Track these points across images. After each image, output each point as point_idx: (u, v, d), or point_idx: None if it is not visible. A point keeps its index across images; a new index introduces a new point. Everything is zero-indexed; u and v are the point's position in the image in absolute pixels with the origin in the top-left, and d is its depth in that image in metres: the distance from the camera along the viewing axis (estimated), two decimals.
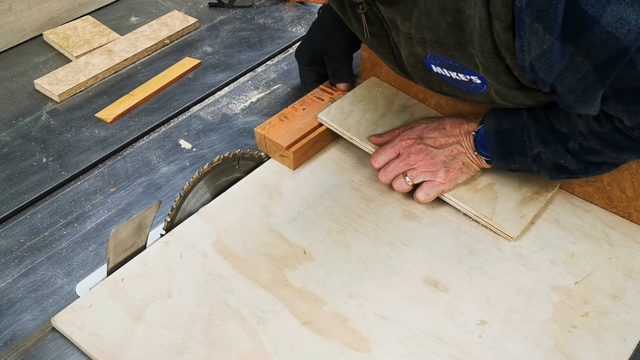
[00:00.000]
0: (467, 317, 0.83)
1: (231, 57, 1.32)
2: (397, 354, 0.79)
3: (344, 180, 1.01)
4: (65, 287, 0.89)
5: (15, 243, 0.95)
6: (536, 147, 0.87)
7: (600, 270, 0.88)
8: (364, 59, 1.12)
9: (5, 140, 1.13)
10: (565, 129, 0.84)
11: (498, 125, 0.90)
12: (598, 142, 0.81)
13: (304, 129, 1.04)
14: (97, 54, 1.30)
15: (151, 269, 0.88)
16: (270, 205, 0.97)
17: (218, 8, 1.47)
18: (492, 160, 0.92)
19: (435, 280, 0.87)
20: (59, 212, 1.00)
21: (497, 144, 0.90)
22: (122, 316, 0.82)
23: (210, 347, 0.79)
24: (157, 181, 1.05)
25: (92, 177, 1.06)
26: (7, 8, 1.31)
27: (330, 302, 0.84)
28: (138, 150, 1.11)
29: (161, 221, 0.94)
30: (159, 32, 1.36)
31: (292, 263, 0.89)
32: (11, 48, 1.35)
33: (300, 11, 1.46)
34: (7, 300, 0.87)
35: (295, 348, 0.79)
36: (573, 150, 0.85)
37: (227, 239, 0.92)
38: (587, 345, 0.79)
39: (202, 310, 0.83)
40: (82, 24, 1.39)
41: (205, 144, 1.12)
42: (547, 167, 0.89)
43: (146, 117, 1.17)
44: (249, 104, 1.20)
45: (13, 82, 1.27)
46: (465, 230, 0.94)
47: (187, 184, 0.92)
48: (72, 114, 1.19)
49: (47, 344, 0.82)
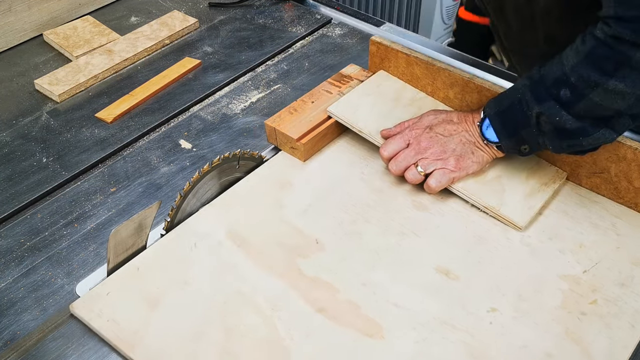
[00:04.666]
0: (477, 305, 0.84)
1: (231, 57, 1.32)
2: (409, 340, 0.80)
3: (353, 172, 1.02)
4: (65, 287, 0.89)
5: (15, 243, 0.95)
6: (532, 108, 0.88)
7: (607, 260, 0.89)
8: (373, 53, 1.13)
9: (5, 140, 1.13)
10: (557, 73, 0.85)
11: (498, 107, 0.92)
12: (585, 69, 0.82)
13: (314, 121, 1.05)
14: (97, 54, 1.30)
15: (166, 258, 0.89)
16: (281, 197, 0.98)
17: (218, 8, 1.47)
18: (500, 142, 0.94)
19: (446, 269, 0.88)
20: (59, 212, 1.00)
21: (502, 123, 0.92)
22: (139, 303, 0.84)
23: (227, 334, 0.80)
24: (157, 181, 1.05)
25: (92, 177, 1.06)
26: (7, 8, 1.31)
27: (343, 290, 0.86)
28: (138, 150, 1.11)
29: (161, 221, 0.95)
30: (159, 32, 1.36)
31: (305, 252, 0.90)
32: (11, 48, 1.35)
33: (300, 11, 1.46)
34: (7, 300, 0.87)
35: (310, 334, 0.81)
36: (566, 100, 0.85)
37: (240, 229, 0.93)
38: (596, 331, 0.81)
39: (217, 298, 0.84)
40: (82, 24, 1.39)
41: (205, 144, 1.12)
42: (549, 135, 0.89)
43: (146, 117, 1.17)
44: (249, 104, 1.21)
45: (13, 82, 1.26)
46: (475, 220, 0.95)
47: (187, 184, 0.93)
48: (72, 114, 1.18)
49: (47, 344, 0.82)
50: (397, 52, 1.10)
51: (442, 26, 2.94)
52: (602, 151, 0.94)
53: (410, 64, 1.09)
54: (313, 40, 1.38)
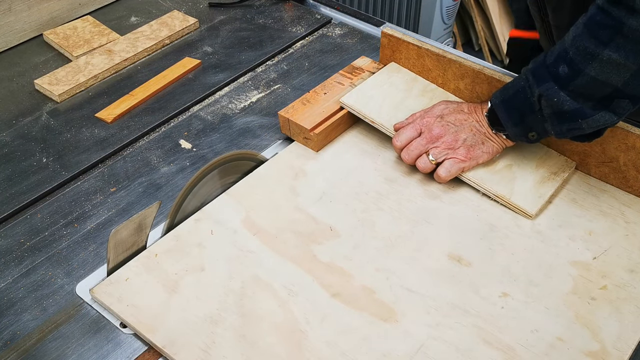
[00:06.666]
0: (489, 290, 0.86)
1: (231, 57, 1.32)
2: (423, 324, 0.82)
3: (366, 162, 1.04)
4: (65, 287, 0.89)
5: (15, 243, 0.95)
6: (534, 92, 0.89)
7: (617, 247, 0.91)
8: (384, 45, 1.15)
9: (5, 140, 1.12)
10: (559, 50, 0.87)
11: (504, 96, 0.94)
12: (582, 39, 0.83)
13: (326, 112, 1.07)
14: (97, 54, 1.30)
15: (184, 245, 0.91)
16: (295, 186, 1.00)
17: (218, 8, 1.47)
18: (507, 130, 0.95)
19: (459, 255, 0.90)
20: (59, 212, 1.00)
21: (507, 111, 0.93)
22: (158, 289, 0.85)
23: (243, 318, 0.82)
24: (157, 181, 1.05)
25: (92, 177, 1.06)
26: (7, 8, 1.30)
27: (358, 276, 0.87)
28: (138, 150, 1.11)
29: (161, 221, 0.95)
30: (159, 32, 1.36)
31: (320, 239, 0.92)
32: (11, 48, 1.34)
33: (300, 11, 1.46)
34: (7, 300, 0.87)
35: (326, 318, 0.82)
36: (564, 77, 0.86)
37: (256, 217, 0.95)
38: (606, 315, 0.82)
39: (234, 283, 0.86)
40: (82, 24, 1.39)
41: (205, 144, 1.11)
42: (550, 119, 0.89)
43: (146, 117, 1.17)
44: (249, 104, 1.20)
45: (13, 82, 1.26)
46: (486, 209, 0.97)
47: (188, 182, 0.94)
48: (72, 114, 1.18)
49: (47, 344, 0.82)
50: (408, 44, 1.11)
51: (442, 26, 2.94)
52: (611, 140, 0.95)
53: (421, 55, 1.11)
54: (313, 40, 1.37)
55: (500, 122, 0.95)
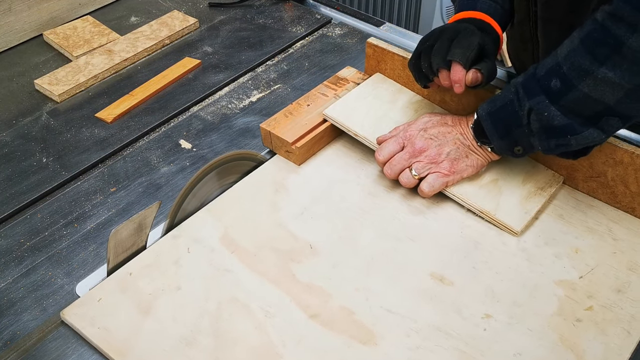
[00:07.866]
0: (472, 311, 0.83)
1: (231, 57, 1.32)
2: (403, 347, 0.80)
3: (349, 176, 1.02)
4: (65, 287, 0.89)
5: (15, 243, 0.95)
6: (524, 105, 0.86)
7: (604, 265, 0.89)
8: (369, 55, 1.13)
9: (5, 140, 1.13)
10: (551, 63, 0.84)
11: (491, 108, 0.91)
12: (578, 55, 0.81)
13: (309, 124, 1.05)
14: (97, 54, 1.30)
15: (159, 263, 0.89)
16: (276, 201, 0.98)
17: (218, 8, 1.47)
18: (492, 143, 0.93)
19: (441, 274, 0.88)
20: (59, 212, 1.00)
21: (493, 123, 0.91)
22: (131, 310, 0.83)
23: (218, 340, 0.80)
24: (157, 181, 1.05)
25: (92, 177, 1.06)
26: (7, 8, 1.31)
27: (337, 296, 0.85)
28: (138, 150, 1.11)
29: (161, 221, 0.94)
30: (159, 32, 1.36)
31: (299, 257, 0.90)
32: (11, 48, 1.35)
33: (300, 11, 1.46)
34: (7, 300, 0.87)
35: (302, 341, 0.80)
36: (556, 91, 0.84)
37: (235, 234, 0.93)
38: (592, 338, 0.80)
39: (210, 304, 0.84)
40: (82, 24, 1.39)
41: (205, 144, 1.12)
42: (538, 134, 0.87)
43: (146, 117, 1.17)
44: (249, 104, 1.20)
45: (13, 82, 1.26)
46: (470, 225, 0.94)
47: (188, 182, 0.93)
48: (72, 114, 1.18)
49: (47, 344, 0.82)
50: (393, 54, 1.09)
51: None
52: (599, 155, 0.93)
53: (406, 66, 1.08)
54: (313, 40, 1.37)
55: (486, 134, 0.93)
